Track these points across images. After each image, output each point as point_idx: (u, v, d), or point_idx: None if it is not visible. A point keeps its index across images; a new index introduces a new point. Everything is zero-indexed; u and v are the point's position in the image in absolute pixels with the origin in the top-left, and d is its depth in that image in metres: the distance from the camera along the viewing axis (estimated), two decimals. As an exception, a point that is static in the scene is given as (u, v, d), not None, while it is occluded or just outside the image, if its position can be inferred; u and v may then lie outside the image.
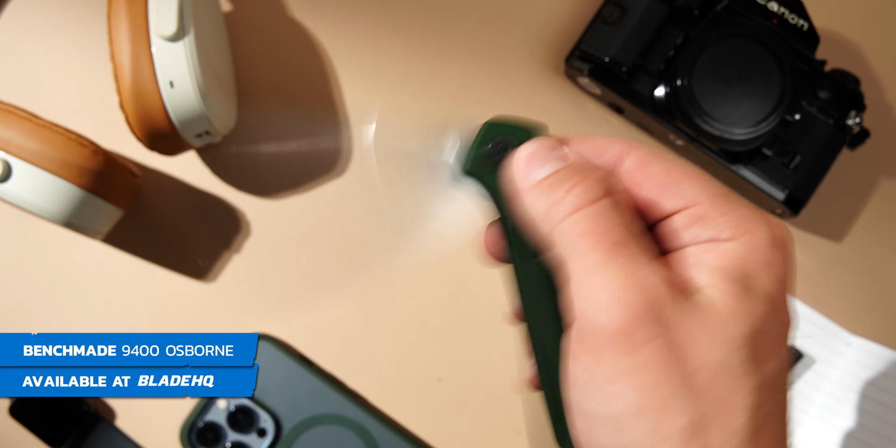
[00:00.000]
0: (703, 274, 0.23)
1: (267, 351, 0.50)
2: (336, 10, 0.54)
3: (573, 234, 0.23)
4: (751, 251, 0.23)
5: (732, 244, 0.23)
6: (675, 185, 0.24)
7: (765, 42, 0.47)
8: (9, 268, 0.51)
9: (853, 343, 0.52)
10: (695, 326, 0.22)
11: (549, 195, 0.24)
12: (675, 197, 0.24)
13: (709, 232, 0.23)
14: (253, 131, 0.53)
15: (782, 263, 0.23)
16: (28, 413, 0.48)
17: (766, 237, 0.23)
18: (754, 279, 0.23)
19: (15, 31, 0.53)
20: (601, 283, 0.22)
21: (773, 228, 0.23)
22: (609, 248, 0.22)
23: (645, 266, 0.22)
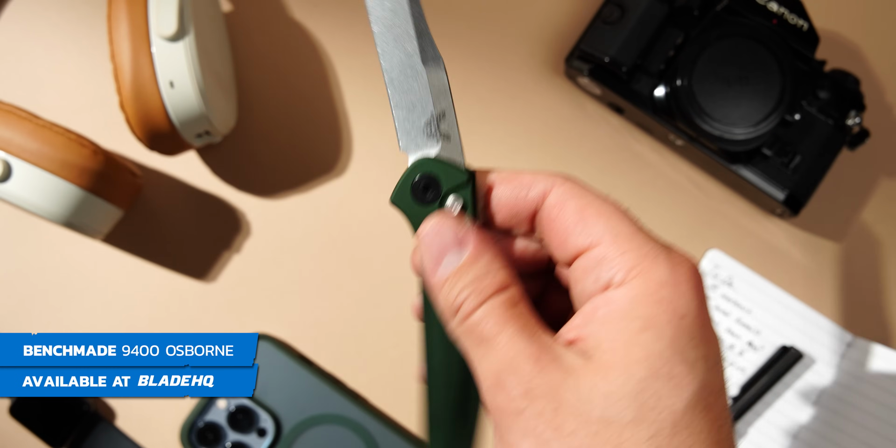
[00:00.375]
0: (595, 329, 0.23)
1: (267, 351, 0.50)
2: (336, 10, 0.54)
3: (464, 331, 0.24)
4: (640, 294, 0.23)
5: (623, 290, 0.23)
6: (584, 224, 0.24)
7: (765, 42, 0.47)
8: (9, 268, 0.51)
9: (853, 343, 0.52)
10: (569, 391, 0.22)
11: (448, 297, 0.25)
12: (581, 235, 0.24)
13: (606, 274, 0.24)
14: (253, 131, 0.53)
15: (681, 298, 0.23)
16: (28, 413, 0.48)
17: (660, 275, 0.23)
18: (646, 323, 0.22)
19: (15, 31, 0.53)
20: (483, 368, 0.24)
21: (673, 265, 0.23)
22: (491, 338, 0.23)
23: (516, 344, 0.23)
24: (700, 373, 0.22)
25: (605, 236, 0.24)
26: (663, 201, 0.53)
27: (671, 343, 0.22)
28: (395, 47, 0.27)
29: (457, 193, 0.27)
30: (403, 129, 0.27)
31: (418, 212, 0.27)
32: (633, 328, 0.22)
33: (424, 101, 0.27)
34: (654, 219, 0.53)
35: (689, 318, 0.23)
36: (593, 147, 0.54)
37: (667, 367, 0.22)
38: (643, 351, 0.22)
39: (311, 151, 0.53)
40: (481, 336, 0.24)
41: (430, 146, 0.27)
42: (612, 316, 0.23)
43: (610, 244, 0.24)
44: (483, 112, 0.54)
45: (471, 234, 0.25)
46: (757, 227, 0.54)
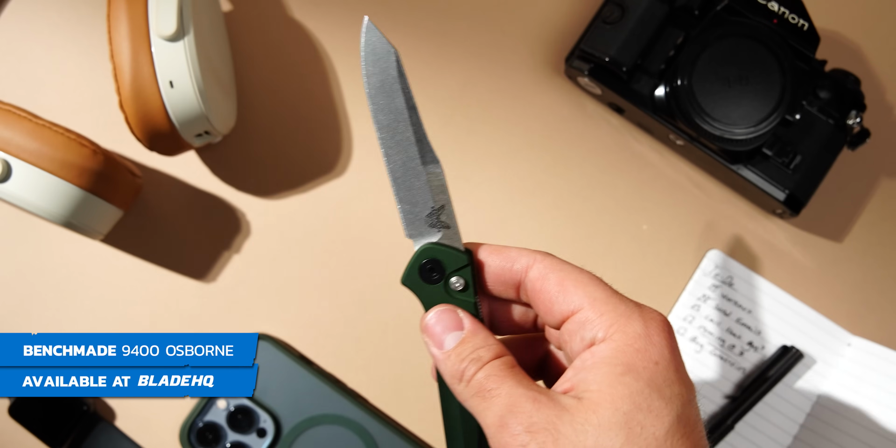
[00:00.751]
0: (584, 376, 0.27)
1: (267, 351, 0.50)
2: (336, 10, 0.54)
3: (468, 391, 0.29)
4: (620, 346, 0.27)
5: (605, 344, 0.27)
6: (565, 293, 0.29)
7: (765, 42, 0.47)
8: (9, 268, 0.51)
9: (853, 343, 0.52)
10: (565, 424, 0.26)
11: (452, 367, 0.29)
12: (564, 304, 0.29)
13: (590, 333, 0.28)
14: (253, 131, 0.53)
15: (654, 347, 0.27)
16: (28, 413, 0.48)
17: (636, 329, 0.27)
18: (626, 368, 0.26)
19: (15, 31, 0.53)
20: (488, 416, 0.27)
21: (646, 320, 0.28)
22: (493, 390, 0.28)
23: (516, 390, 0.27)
24: (676, 407, 0.26)
25: (585, 302, 0.28)
26: (664, 201, 0.53)
27: (648, 383, 0.26)
28: (397, 151, 0.31)
29: (458, 274, 0.31)
30: (408, 220, 0.31)
31: (427, 290, 0.31)
32: (616, 372, 0.26)
33: (425, 197, 0.31)
34: (655, 219, 0.53)
35: (662, 363, 0.27)
36: (593, 147, 0.54)
37: (647, 401, 0.26)
38: (626, 389, 0.26)
39: (311, 151, 0.53)
40: (484, 391, 0.28)
41: (432, 234, 0.31)
42: (598, 364, 0.27)
43: (589, 309, 0.28)
44: (483, 112, 0.54)
45: (467, 319, 0.30)
46: (757, 227, 0.54)
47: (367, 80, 0.31)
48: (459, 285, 0.31)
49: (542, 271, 0.30)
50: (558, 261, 0.30)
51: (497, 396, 0.27)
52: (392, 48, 0.31)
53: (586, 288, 0.29)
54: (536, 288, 0.30)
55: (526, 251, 0.31)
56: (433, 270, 0.31)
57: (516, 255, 0.31)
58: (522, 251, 0.31)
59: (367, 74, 0.31)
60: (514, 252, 0.31)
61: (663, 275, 0.53)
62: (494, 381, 0.28)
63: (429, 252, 0.31)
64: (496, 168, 0.53)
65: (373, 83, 0.31)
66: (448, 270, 0.31)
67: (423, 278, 0.31)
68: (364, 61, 0.31)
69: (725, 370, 0.51)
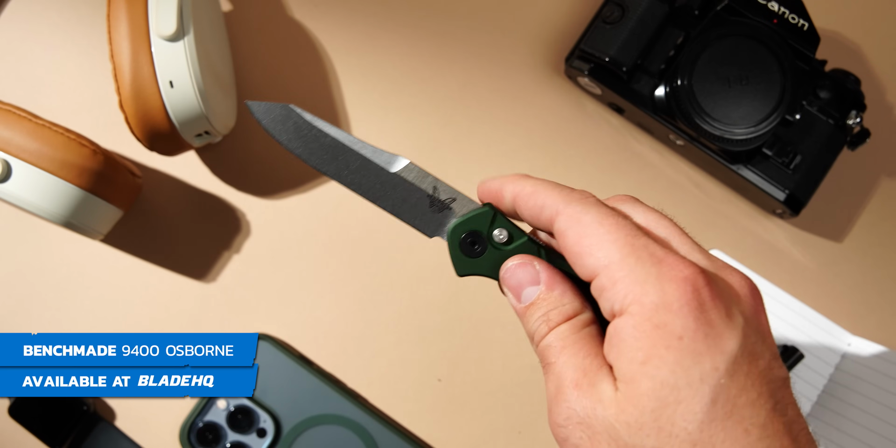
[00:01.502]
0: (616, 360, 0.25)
1: (267, 351, 0.50)
2: (336, 10, 0.54)
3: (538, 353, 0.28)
4: (638, 323, 0.24)
5: (624, 318, 0.25)
6: (582, 255, 0.26)
7: (765, 42, 0.47)
8: (9, 268, 0.51)
9: (853, 343, 0.52)
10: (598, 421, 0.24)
11: (527, 326, 0.28)
12: (583, 267, 0.26)
13: (607, 304, 0.25)
14: (253, 131, 0.53)
15: (676, 318, 0.24)
16: (28, 413, 0.48)
17: (652, 299, 0.24)
18: (646, 354, 0.24)
19: (15, 31, 0.53)
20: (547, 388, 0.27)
21: (662, 284, 0.24)
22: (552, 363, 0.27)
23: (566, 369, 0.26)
24: (709, 387, 0.23)
25: (599, 266, 0.26)
26: (664, 201, 0.53)
27: (673, 369, 0.23)
28: (363, 179, 0.30)
29: (495, 228, 0.29)
30: (418, 223, 0.30)
31: (486, 263, 0.29)
32: (637, 360, 0.24)
33: (415, 193, 0.30)
34: (655, 219, 0.53)
35: (686, 337, 0.24)
36: (593, 147, 0.54)
37: (673, 394, 0.23)
38: (649, 382, 0.24)
39: (311, 151, 0.53)
40: (546, 360, 0.27)
41: (448, 217, 0.30)
42: (621, 348, 0.25)
43: (604, 275, 0.25)
44: (483, 112, 0.54)
45: (543, 271, 0.28)
46: (757, 227, 0.54)
47: (288, 143, 0.30)
48: (503, 237, 0.29)
49: (562, 226, 0.27)
50: (583, 206, 0.27)
51: (551, 373, 0.27)
52: (284, 105, 0.30)
53: (602, 247, 0.25)
54: (561, 246, 0.27)
55: (553, 194, 0.28)
56: (474, 243, 0.29)
57: (542, 201, 0.28)
58: (549, 194, 0.28)
59: (286, 139, 0.30)
60: (540, 197, 0.28)
61: (663, 275, 0.53)
62: (553, 352, 0.27)
63: (455, 232, 0.30)
64: (496, 168, 0.53)
65: (293, 143, 0.30)
66: (485, 232, 0.29)
67: (472, 254, 0.29)
68: (273, 131, 0.30)
69: (725, 370, 0.51)
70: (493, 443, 0.51)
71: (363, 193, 0.30)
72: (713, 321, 0.24)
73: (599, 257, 0.25)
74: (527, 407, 0.51)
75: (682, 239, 0.27)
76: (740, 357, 0.24)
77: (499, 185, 0.29)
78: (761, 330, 0.25)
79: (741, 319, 0.24)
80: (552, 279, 0.28)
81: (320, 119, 0.30)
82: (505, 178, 0.29)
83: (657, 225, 0.27)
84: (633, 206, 0.28)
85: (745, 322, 0.24)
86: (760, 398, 0.23)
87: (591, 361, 0.26)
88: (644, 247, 0.25)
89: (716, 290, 0.24)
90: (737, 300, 0.25)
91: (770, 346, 0.25)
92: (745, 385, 0.23)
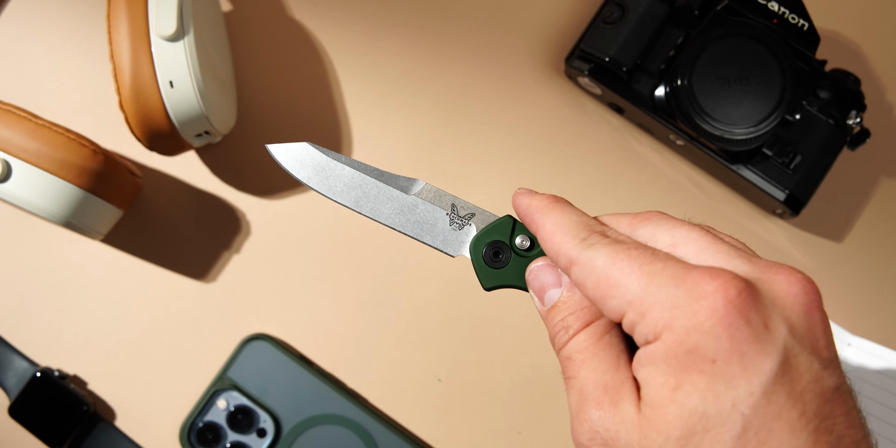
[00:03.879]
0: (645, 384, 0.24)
1: (267, 351, 0.50)
2: (336, 10, 0.54)
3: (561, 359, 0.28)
4: (670, 348, 0.23)
5: (656, 345, 0.24)
6: (604, 299, 0.25)
7: (765, 42, 0.47)
8: (9, 268, 0.51)
9: (853, 343, 0.52)
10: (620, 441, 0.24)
11: (550, 328, 0.28)
12: (610, 312, 0.25)
13: (641, 336, 0.24)
14: (253, 131, 0.53)
15: (709, 339, 0.22)
16: (28, 413, 0.48)
17: (683, 323, 0.23)
18: (678, 381, 0.23)
19: (15, 31, 0.53)
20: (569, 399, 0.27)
21: (693, 304, 0.23)
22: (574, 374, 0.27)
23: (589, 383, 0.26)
24: (740, 414, 0.22)
25: (623, 305, 0.24)
26: (664, 201, 0.53)
27: (704, 395, 0.22)
28: (383, 206, 0.31)
29: (518, 236, 0.30)
30: (441, 244, 0.30)
31: (511, 272, 0.30)
32: (668, 386, 0.23)
33: (435, 214, 0.31)
34: (655, 219, 0.53)
35: (720, 360, 0.22)
36: (593, 147, 0.54)
37: (701, 422, 0.22)
38: (678, 409, 0.22)
39: (311, 151, 0.53)
40: (567, 374, 0.27)
41: (468, 233, 0.30)
42: (652, 373, 0.24)
43: (630, 312, 0.24)
44: (483, 112, 0.54)
45: (564, 275, 0.28)
46: (757, 227, 0.54)
47: (308, 181, 0.31)
48: (526, 243, 0.30)
49: (578, 278, 0.26)
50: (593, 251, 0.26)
51: (572, 388, 0.26)
52: (301, 144, 0.31)
53: (620, 285, 0.25)
54: (578, 281, 0.27)
55: (567, 241, 0.27)
56: (497, 253, 0.30)
57: (557, 248, 0.27)
58: (563, 241, 0.27)
59: (306, 177, 0.31)
60: (556, 243, 0.27)
61: (663, 275, 0.53)
62: (574, 366, 0.26)
63: (478, 245, 0.30)
64: (496, 168, 0.53)
65: (313, 180, 0.31)
66: (507, 241, 0.30)
67: (496, 265, 0.30)
68: (293, 171, 0.31)
69: (725, 370, 0.51)
70: (493, 443, 0.51)
71: (385, 221, 0.31)
72: (749, 338, 0.22)
73: (620, 296, 0.24)
74: (527, 407, 0.51)
75: (716, 247, 0.25)
76: (781, 376, 0.22)
77: (524, 210, 0.29)
78: (811, 335, 0.24)
79: (783, 329, 0.23)
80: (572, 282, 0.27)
81: (334, 153, 0.31)
82: (531, 203, 0.29)
83: (686, 239, 0.26)
84: (659, 224, 0.27)
85: (788, 331, 0.23)
86: (802, 418, 0.22)
87: (613, 376, 0.26)
88: (661, 271, 0.24)
89: (752, 299, 0.23)
90: (781, 304, 0.24)
91: (820, 352, 0.23)
92: (784, 406, 0.22)
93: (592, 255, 0.26)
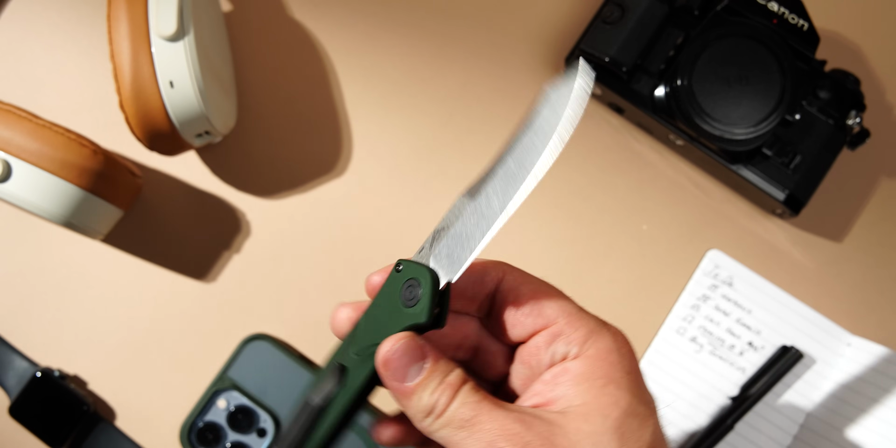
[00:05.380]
0: (564, 391, 0.27)
1: (267, 351, 0.50)
2: (336, 10, 0.54)
3: (442, 424, 0.27)
4: (596, 361, 0.28)
5: (580, 360, 0.28)
6: (540, 307, 0.29)
7: (765, 42, 0.47)
8: (9, 268, 0.51)
9: (853, 343, 0.52)
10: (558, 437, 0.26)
11: (420, 401, 0.28)
12: (539, 317, 0.29)
13: (563, 348, 0.28)
14: (253, 131, 0.53)
15: (625, 360, 0.28)
16: (28, 413, 0.49)
17: (607, 344, 0.28)
18: (607, 380, 0.27)
19: (15, 31, 0.53)
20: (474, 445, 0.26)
21: (613, 335, 0.28)
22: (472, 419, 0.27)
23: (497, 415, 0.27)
24: (654, 412, 0.27)
25: (559, 316, 0.28)
26: (664, 201, 0.53)
27: (629, 391, 0.27)
28: None
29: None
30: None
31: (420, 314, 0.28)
32: (598, 384, 0.27)
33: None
34: (655, 219, 0.53)
35: (633, 373, 0.28)
36: (593, 147, 0.54)
37: (632, 406, 0.27)
38: (611, 397, 0.27)
39: (311, 151, 0.53)
40: (462, 421, 0.27)
41: None
42: (577, 378, 0.27)
43: (564, 323, 0.28)
44: (483, 112, 0.54)
45: (426, 346, 0.28)
46: (757, 227, 0.54)
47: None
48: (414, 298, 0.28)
49: (513, 283, 0.29)
50: (523, 272, 0.30)
51: (480, 423, 0.27)
52: None
53: (558, 302, 0.29)
54: (508, 300, 0.29)
55: (490, 262, 0.30)
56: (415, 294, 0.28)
57: (483, 267, 0.30)
58: (487, 262, 0.30)
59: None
60: (479, 265, 0.30)
61: (663, 275, 0.53)
62: (470, 409, 0.27)
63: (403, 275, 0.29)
64: (496, 168, 0.53)
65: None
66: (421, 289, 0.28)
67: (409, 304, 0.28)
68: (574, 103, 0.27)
69: (725, 370, 0.51)
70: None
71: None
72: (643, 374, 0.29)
73: (558, 308, 0.28)
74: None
75: None
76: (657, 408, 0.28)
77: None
78: None
79: None
80: (435, 349, 0.28)
81: None
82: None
83: None
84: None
85: None
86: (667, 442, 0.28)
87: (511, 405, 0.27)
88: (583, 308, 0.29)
89: None
90: None
91: None
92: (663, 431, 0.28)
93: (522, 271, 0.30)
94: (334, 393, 0.29)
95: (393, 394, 0.29)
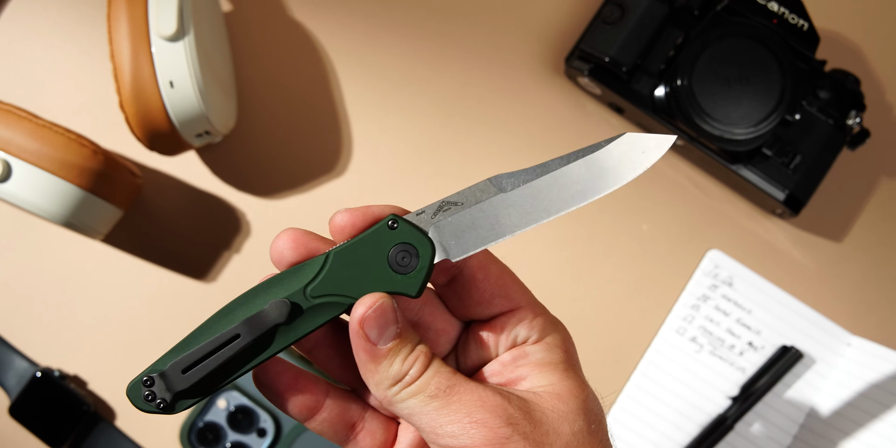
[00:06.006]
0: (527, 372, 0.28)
1: (267, 351, 0.49)
2: (336, 10, 0.54)
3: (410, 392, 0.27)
4: (555, 348, 0.29)
5: (542, 345, 0.29)
6: (506, 288, 0.29)
7: (765, 42, 0.47)
8: (9, 268, 0.51)
9: (853, 343, 0.52)
10: (537, 413, 0.27)
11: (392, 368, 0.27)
12: (505, 298, 0.29)
13: (524, 332, 0.29)
14: (253, 131, 0.53)
15: (573, 349, 0.30)
16: (28, 413, 0.49)
17: (563, 335, 0.30)
18: (567, 365, 0.29)
19: (15, 31, 0.53)
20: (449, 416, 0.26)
21: (561, 328, 0.30)
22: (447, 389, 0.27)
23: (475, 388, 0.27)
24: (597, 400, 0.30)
25: (524, 301, 0.29)
26: (664, 201, 0.53)
27: (582, 376, 0.29)
28: None
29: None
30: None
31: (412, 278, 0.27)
32: (561, 368, 0.29)
33: None
34: (655, 218, 0.53)
35: (579, 363, 0.30)
36: (593, 147, 0.54)
37: (590, 391, 0.29)
38: (575, 382, 0.28)
39: (311, 151, 0.53)
40: (438, 390, 0.27)
41: None
42: (541, 363, 0.29)
43: (528, 309, 0.29)
44: (483, 112, 0.54)
45: (398, 310, 0.27)
46: (757, 227, 0.54)
47: None
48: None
49: (482, 261, 0.29)
50: (491, 253, 0.30)
51: (458, 393, 0.26)
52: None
53: (521, 287, 0.30)
54: (478, 277, 0.29)
55: None
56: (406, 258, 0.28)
57: None
58: None
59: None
60: None
61: (663, 275, 0.53)
62: (447, 378, 0.27)
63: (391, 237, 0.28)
64: (496, 168, 0.53)
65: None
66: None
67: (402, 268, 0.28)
68: None
69: (725, 370, 0.51)
70: None
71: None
72: None
73: (522, 294, 0.30)
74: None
75: None
76: None
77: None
78: None
79: None
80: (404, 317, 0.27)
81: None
82: None
83: None
84: None
85: None
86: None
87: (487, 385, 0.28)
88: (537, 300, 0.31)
89: None
90: None
91: None
92: None
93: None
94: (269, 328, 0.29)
95: (359, 356, 0.27)
